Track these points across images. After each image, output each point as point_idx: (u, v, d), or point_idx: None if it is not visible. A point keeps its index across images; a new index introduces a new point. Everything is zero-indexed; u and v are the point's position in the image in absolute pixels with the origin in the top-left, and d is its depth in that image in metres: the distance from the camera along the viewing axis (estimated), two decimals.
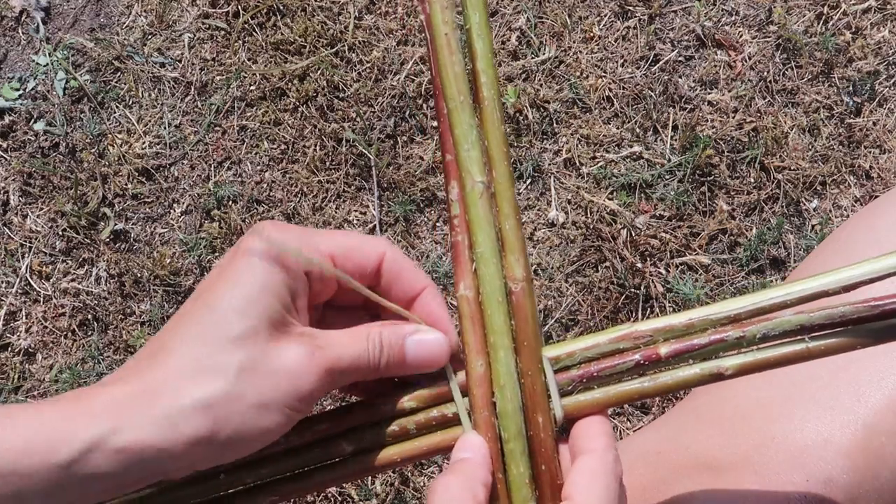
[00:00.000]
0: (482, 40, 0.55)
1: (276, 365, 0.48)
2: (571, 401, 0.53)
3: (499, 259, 0.54)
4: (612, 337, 0.53)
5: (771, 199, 1.32)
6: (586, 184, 1.32)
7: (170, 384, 0.47)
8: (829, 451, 0.67)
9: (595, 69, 1.37)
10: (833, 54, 1.36)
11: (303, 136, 1.34)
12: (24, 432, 0.45)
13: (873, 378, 0.69)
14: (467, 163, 0.54)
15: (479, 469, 0.51)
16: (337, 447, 0.54)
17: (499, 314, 0.53)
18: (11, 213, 1.32)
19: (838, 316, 0.51)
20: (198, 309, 0.50)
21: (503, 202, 0.54)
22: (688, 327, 0.53)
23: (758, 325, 0.52)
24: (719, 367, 0.52)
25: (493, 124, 0.54)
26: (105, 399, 0.47)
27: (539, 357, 0.53)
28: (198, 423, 0.47)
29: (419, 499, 1.20)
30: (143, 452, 0.46)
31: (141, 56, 1.38)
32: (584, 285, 1.28)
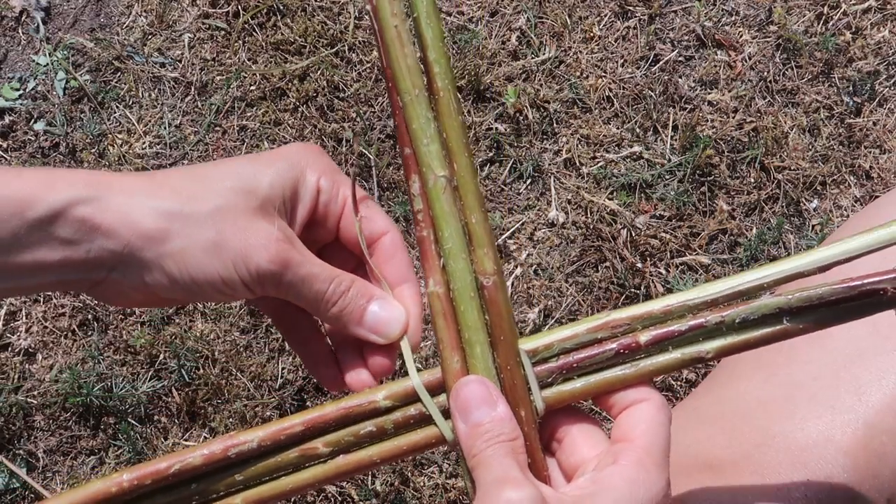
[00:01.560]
0: (432, 29, 0.52)
1: (246, 225, 0.51)
2: (552, 392, 0.52)
3: (467, 254, 0.52)
4: (589, 326, 0.52)
5: (771, 199, 1.32)
6: (586, 184, 1.32)
7: (150, 191, 0.51)
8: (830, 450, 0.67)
9: (595, 69, 1.37)
10: (833, 54, 1.36)
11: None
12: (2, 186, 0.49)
13: (874, 377, 0.69)
14: (427, 157, 0.53)
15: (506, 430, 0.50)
16: (312, 450, 0.53)
17: (472, 310, 0.52)
18: None
19: (816, 298, 0.51)
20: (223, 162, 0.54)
21: (467, 195, 0.53)
22: (665, 313, 0.52)
23: (737, 310, 0.51)
24: (699, 350, 0.52)
25: (451, 115, 0.53)
26: (86, 174, 0.51)
27: (516, 350, 0.52)
28: (152, 222, 0.50)
29: (419, 499, 1.20)
30: (99, 229, 0.50)
31: (141, 56, 1.38)
32: (584, 285, 1.28)
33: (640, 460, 0.48)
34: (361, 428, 0.53)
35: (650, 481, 0.47)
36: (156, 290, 0.52)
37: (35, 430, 1.23)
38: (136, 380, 1.23)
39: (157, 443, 1.22)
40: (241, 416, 1.21)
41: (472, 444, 0.49)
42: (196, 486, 0.53)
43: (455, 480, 1.21)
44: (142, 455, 1.21)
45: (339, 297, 0.53)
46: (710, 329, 0.52)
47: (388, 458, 0.53)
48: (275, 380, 1.24)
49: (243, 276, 0.51)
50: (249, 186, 0.52)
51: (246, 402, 1.22)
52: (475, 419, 0.49)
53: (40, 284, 0.52)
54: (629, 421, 0.50)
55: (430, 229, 0.53)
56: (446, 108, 0.53)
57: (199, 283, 0.52)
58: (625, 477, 0.47)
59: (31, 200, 0.49)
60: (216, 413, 1.22)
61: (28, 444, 1.22)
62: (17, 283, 0.51)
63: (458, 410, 0.50)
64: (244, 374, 1.24)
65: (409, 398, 0.53)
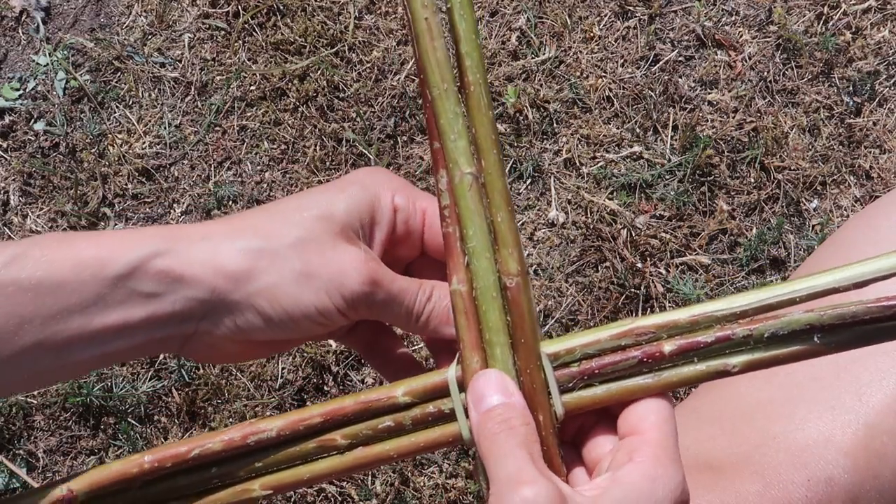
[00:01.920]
0: (465, 21, 0.51)
1: (331, 252, 0.51)
2: (572, 397, 0.51)
3: (492, 253, 0.51)
4: (613, 333, 0.51)
5: (771, 199, 1.32)
6: (586, 184, 1.32)
7: (228, 233, 0.51)
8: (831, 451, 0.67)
9: (595, 69, 1.37)
10: (833, 54, 1.36)
11: (303, 136, 1.34)
12: (79, 251, 0.49)
13: (874, 378, 0.69)
14: (454, 153, 0.51)
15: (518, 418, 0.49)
16: (331, 441, 0.53)
17: (494, 310, 0.51)
18: (11, 213, 1.32)
19: (850, 316, 0.49)
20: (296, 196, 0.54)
21: (494, 193, 0.51)
22: (692, 324, 0.51)
23: (766, 324, 0.50)
24: (726, 364, 0.50)
25: (481, 111, 0.52)
26: (159, 228, 0.51)
27: (538, 354, 0.51)
28: (236, 263, 0.50)
29: (419, 499, 1.20)
30: (182, 279, 0.49)
31: (141, 56, 1.38)
32: (584, 285, 1.28)
33: (657, 456, 0.47)
34: (380, 422, 0.53)
35: (668, 476, 0.47)
36: (250, 334, 0.52)
37: (35, 430, 1.23)
38: (136, 380, 1.23)
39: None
40: (241, 416, 1.22)
41: (484, 428, 0.48)
42: (216, 469, 0.54)
43: (455, 480, 1.21)
44: None
45: (426, 304, 0.53)
46: (738, 342, 0.50)
47: (405, 454, 0.53)
48: (275, 380, 1.24)
49: (337, 303, 0.51)
50: (327, 214, 0.52)
51: (246, 402, 1.22)
52: (487, 404, 0.49)
53: (129, 348, 0.51)
54: (636, 414, 0.50)
55: (455, 226, 0.52)
56: (477, 104, 0.52)
57: (294, 318, 0.51)
58: (643, 474, 0.47)
59: (109, 259, 0.49)
60: (216, 413, 1.22)
61: (28, 444, 1.22)
62: (104, 348, 0.50)
63: (472, 401, 0.50)
64: (244, 374, 1.24)
65: (427, 395, 0.53)
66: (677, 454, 0.49)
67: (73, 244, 0.49)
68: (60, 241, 0.50)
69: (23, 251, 0.48)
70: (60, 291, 0.48)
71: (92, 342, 0.49)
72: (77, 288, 0.48)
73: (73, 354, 0.50)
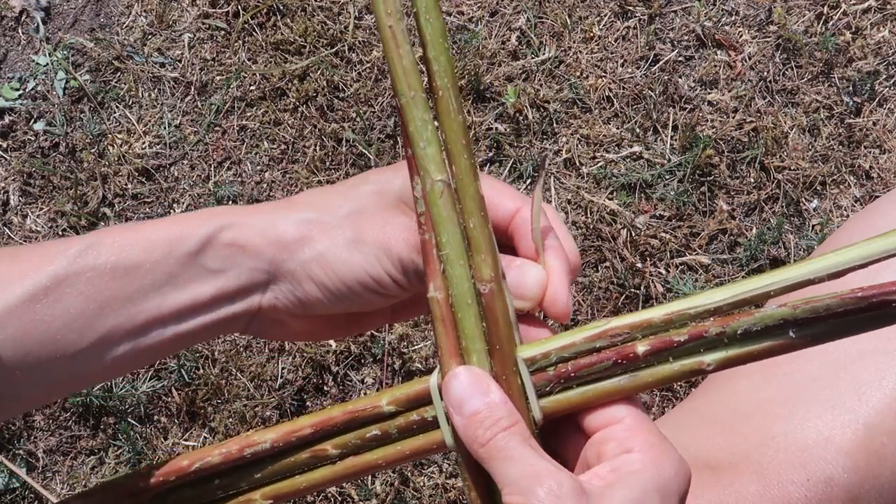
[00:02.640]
0: (431, 25, 0.50)
1: (383, 221, 0.53)
2: (550, 401, 0.51)
3: (466, 259, 0.51)
4: (587, 335, 0.50)
5: (771, 199, 1.32)
6: (586, 184, 1.32)
7: (286, 207, 0.54)
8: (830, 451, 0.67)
9: (595, 69, 1.37)
10: (833, 54, 1.36)
11: (303, 136, 1.34)
12: (149, 234, 0.51)
13: (874, 378, 0.69)
14: (424, 160, 0.51)
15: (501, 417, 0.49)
16: (322, 451, 0.53)
17: (469, 317, 0.51)
18: (11, 213, 1.32)
19: (823, 309, 0.48)
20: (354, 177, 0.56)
21: (466, 198, 0.51)
22: (666, 322, 0.50)
23: (739, 321, 0.49)
24: (700, 361, 0.50)
25: (450, 115, 0.51)
26: (224, 208, 0.54)
27: (514, 359, 0.51)
28: (292, 232, 0.52)
29: (419, 499, 1.20)
30: (245, 249, 0.52)
31: (141, 56, 1.38)
32: (584, 285, 1.28)
33: (649, 442, 0.47)
34: (367, 431, 0.53)
35: (667, 457, 0.47)
36: (311, 307, 0.53)
37: (35, 430, 1.23)
38: (135, 380, 1.23)
39: (156, 443, 1.22)
40: (240, 416, 1.22)
41: (474, 435, 0.48)
42: (219, 481, 0.54)
43: (455, 480, 1.21)
44: (142, 455, 1.21)
45: None
46: (711, 339, 0.49)
47: (394, 462, 0.53)
48: (274, 380, 1.24)
49: (387, 269, 0.52)
50: (382, 189, 0.54)
51: (246, 402, 1.22)
52: (469, 409, 0.49)
53: (201, 328, 0.53)
54: (608, 412, 0.50)
55: (432, 233, 0.52)
56: (445, 109, 0.51)
57: (348, 284, 0.52)
58: (644, 460, 0.47)
59: (182, 236, 0.51)
60: (216, 413, 1.22)
61: (28, 444, 1.22)
62: (177, 328, 0.52)
63: (451, 405, 0.50)
64: (244, 374, 1.24)
65: (411, 403, 0.53)
66: (662, 434, 0.49)
67: (141, 229, 0.51)
68: (130, 227, 0.52)
69: (96, 240, 0.51)
70: (134, 273, 0.50)
71: (166, 323, 0.51)
72: (150, 268, 0.50)
73: (149, 337, 0.51)
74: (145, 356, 0.53)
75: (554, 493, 0.44)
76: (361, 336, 1.25)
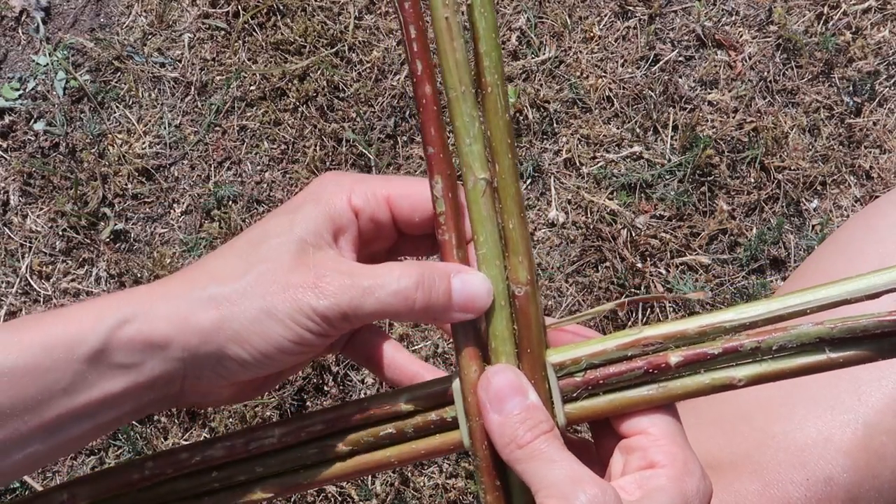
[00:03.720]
0: (485, 18, 0.50)
1: (287, 279, 0.49)
2: (575, 407, 0.50)
3: (502, 261, 0.50)
4: (619, 343, 0.50)
5: (771, 199, 1.32)
6: (586, 184, 1.32)
7: (188, 284, 0.49)
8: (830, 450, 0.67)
9: (595, 69, 1.37)
10: (833, 54, 1.36)
11: (303, 136, 1.34)
12: (48, 332, 0.47)
13: (874, 377, 0.69)
14: (469, 157, 0.50)
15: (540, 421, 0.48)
16: (331, 448, 0.53)
17: (501, 319, 0.50)
18: (11, 213, 1.32)
19: (860, 329, 0.47)
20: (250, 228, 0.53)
21: (507, 198, 0.50)
22: (700, 334, 0.49)
23: (774, 336, 0.48)
24: (731, 377, 0.49)
25: (497, 114, 0.50)
26: (120, 294, 0.50)
27: (543, 364, 0.50)
28: (202, 315, 0.48)
29: (419, 499, 1.20)
30: (153, 343, 0.48)
31: (141, 56, 1.38)
32: (585, 285, 1.28)
33: (676, 457, 0.47)
34: (381, 430, 0.52)
35: (690, 474, 0.47)
36: (235, 377, 0.50)
37: None
38: None
39: (156, 443, 1.22)
40: (240, 416, 1.21)
41: (512, 434, 0.47)
42: (216, 473, 0.54)
43: (455, 480, 1.20)
44: (141, 455, 1.21)
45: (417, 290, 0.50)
46: (745, 353, 0.49)
47: (406, 460, 0.53)
48: None
49: (307, 326, 0.49)
50: (283, 241, 0.50)
51: (246, 402, 1.22)
52: (509, 408, 0.48)
53: (121, 416, 0.50)
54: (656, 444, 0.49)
55: (451, 233, 0.51)
56: (494, 106, 0.50)
57: (270, 355, 0.49)
58: (670, 475, 0.46)
59: (77, 337, 0.47)
60: (216, 413, 1.22)
61: None
62: (94, 421, 0.49)
63: (489, 400, 0.49)
64: None
65: (431, 403, 0.52)
66: (688, 444, 0.49)
67: (41, 324, 0.48)
68: (30, 322, 0.48)
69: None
70: (37, 374, 0.47)
71: (80, 419, 0.48)
72: (52, 368, 0.47)
73: (64, 433, 0.49)
74: (66, 447, 0.50)
75: (598, 501, 0.44)
76: None
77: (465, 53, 0.51)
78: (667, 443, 0.48)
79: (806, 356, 0.49)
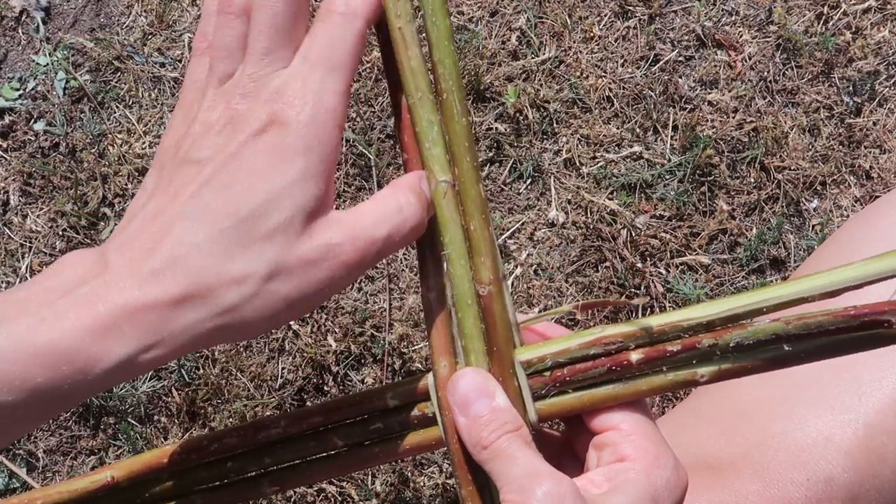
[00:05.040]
0: (437, 28, 0.51)
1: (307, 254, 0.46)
2: (545, 404, 0.52)
3: (467, 261, 0.52)
4: (581, 342, 0.51)
5: (771, 199, 1.32)
6: (586, 184, 1.32)
7: (198, 293, 0.44)
8: (830, 450, 0.67)
9: (595, 69, 1.37)
10: (833, 54, 1.36)
11: None
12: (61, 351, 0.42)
13: (874, 377, 0.69)
14: (430, 161, 0.52)
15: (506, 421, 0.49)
16: (329, 441, 0.55)
17: (468, 317, 0.51)
18: (11, 213, 1.32)
19: (815, 325, 0.48)
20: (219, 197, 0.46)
21: (468, 201, 0.52)
22: (659, 333, 0.51)
23: (731, 333, 0.49)
24: (693, 373, 0.50)
25: (454, 118, 0.52)
26: (130, 313, 0.43)
27: (511, 361, 0.51)
28: (217, 337, 0.45)
29: (419, 499, 1.20)
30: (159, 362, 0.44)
31: (141, 56, 1.38)
32: (584, 285, 1.28)
33: (646, 449, 0.48)
34: (371, 424, 0.54)
35: (660, 466, 0.47)
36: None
37: (35, 430, 1.23)
38: (135, 380, 1.23)
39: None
40: (241, 416, 1.22)
41: (477, 436, 0.48)
42: (231, 464, 0.56)
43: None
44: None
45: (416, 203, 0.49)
46: (704, 351, 0.50)
47: (393, 456, 0.54)
48: (275, 380, 1.24)
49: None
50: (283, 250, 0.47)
51: (246, 402, 1.22)
52: (475, 411, 0.49)
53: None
54: (627, 438, 0.50)
55: (425, 233, 0.53)
56: (450, 111, 0.52)
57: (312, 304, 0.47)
58: (638, 468, 0.47)
59: (94, 359, 0.43)
60: (216, 413, 1.22)
61: (28, 444, 1.22)
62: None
63: (456, 404, 0.50)
64: (244, 374, 1.24)
65: (412, 398, 0.54)
66: (661, 439, 0.49)
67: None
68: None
69: None
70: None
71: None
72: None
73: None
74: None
75: (553, 493, 0.44)
76: (362, 336, 1.25)
77: (422, 61, 0.52)
78: (637, 437, 0.48)
79: (765, 352, 0.49)
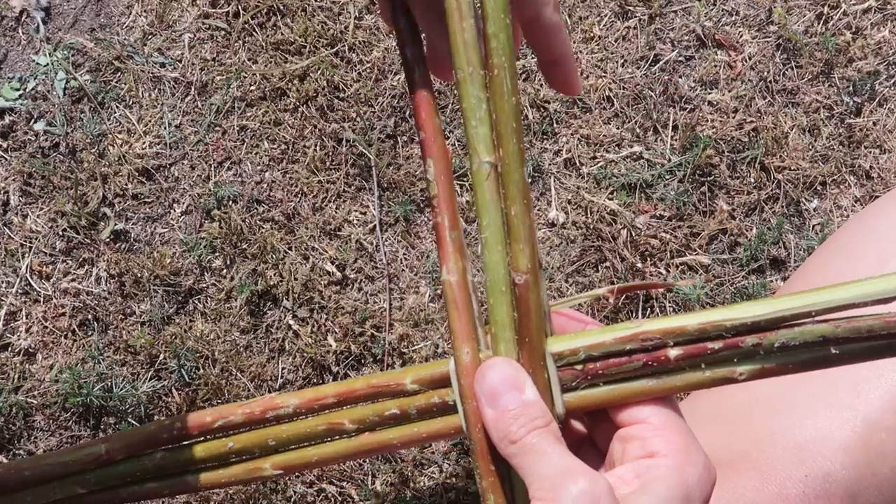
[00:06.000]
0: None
1: None
2: (574, 396, 0.50)
3: (504, 246, 0.49)
4: (617, 336, 0.49)
5: (771, 199, 1.32)
6: (586, 184, 1.32)
7: None
8: (829, 448, 0.67)
9: (595, 69, 1.37)
10: (833, 54, 1.36)
11: (303, 136, 1.34)
12: None
13: (873, 375, 0.69)
14: (475, 140, 0.49)
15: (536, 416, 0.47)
16: (339, 424, 0.53)
17: (502, 305, 0.49)
18: (11, 213, 1.32)
19: (865, 330, 0.46)
20: None
21: (510, 185, 0.49)
22: (700, 332, 0.48)
23: (777, 334, 0.47)
24: (732, 371, 0.48)
25: (503, 97, 0.49)
26: None
27: (542, 353, 0.49)
28: None
29: (419, 499, 1.20)
30: None
31: (141, 56, 1.38)
32: (585, 285, 1.28)
33: (676, 445, 0.47)
34: (386, 409, 0.52)
35: (691, 463, 0.46)
36: None
37: (35, 430, 1.23)
38: (136, 380, 1.23)
39: None
40: None
41: (506, 430, 0.47)
42: (232, 445, 0.54)
43: (455, 480, 1.20)
44: None
45: None
46: (747, 350, 0.48)
47: (409, 443, 0.52)
48: (275, 380, 1.24)
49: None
50: None
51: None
52: (504, 404, 0.47)
53: None
54: (657, 432, 0.48)
55: (444, 215, 0.51)
56: (500, 89, 0.49)
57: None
58: (669, 465, 0.46)
59: None
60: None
61: (28, 444, 1.22)
62: None
63: (483, 394, 0.48)
64: (244, 374, 1.24)
65: (434, 384, 0.52)
66: (691, 435, 0.48)
67: None
68: None
69: None
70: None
71: None
72: None
73: None
74: None
75: (588, 492, 0.43)
76: (362, 336, 1.25)
77: (475, 34, 0.49)
78: (668, 432, 0.47)
79: (809, 353, 0.48)
